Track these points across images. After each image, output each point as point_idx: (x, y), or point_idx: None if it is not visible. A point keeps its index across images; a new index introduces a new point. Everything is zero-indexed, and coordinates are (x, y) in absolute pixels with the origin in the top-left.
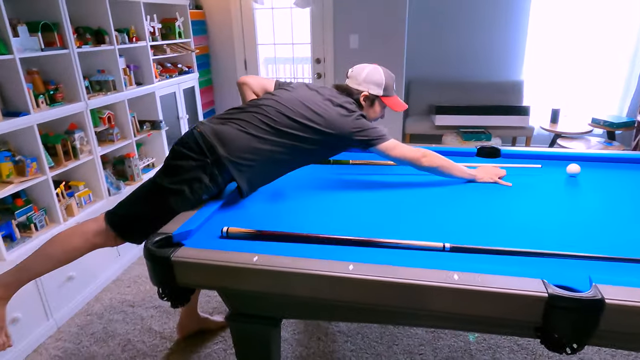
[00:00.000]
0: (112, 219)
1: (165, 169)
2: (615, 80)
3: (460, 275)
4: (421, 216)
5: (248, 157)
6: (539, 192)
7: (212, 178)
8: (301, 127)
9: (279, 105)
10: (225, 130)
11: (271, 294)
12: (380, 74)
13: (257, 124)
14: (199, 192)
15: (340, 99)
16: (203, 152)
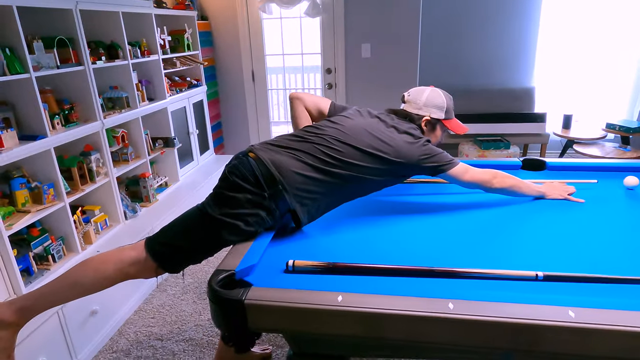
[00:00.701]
0: (153, 248)
1: (217, 199)
2: (625, 85)
3: (576, 312)
4: (499, 240)
5: (311, 190)
6: (607, 208)
7: (269, 212)
8: (368, 157)
9: (343, 135)
10: (285, 161)
11: (355, 337)
12: (441, 97)
13: (320, 156)
14: (255, 226)
15: (404, 125)
16: (261, 184)
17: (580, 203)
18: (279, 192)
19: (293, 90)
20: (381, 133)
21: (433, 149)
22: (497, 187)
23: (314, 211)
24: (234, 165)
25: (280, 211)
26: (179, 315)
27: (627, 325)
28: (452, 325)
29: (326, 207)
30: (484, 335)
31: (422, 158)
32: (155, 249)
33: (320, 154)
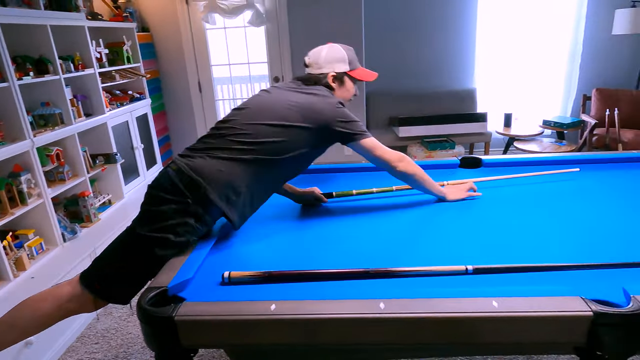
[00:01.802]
0: (87, 280)
1: (143, 216)
2: (558, 83)
3: (499, 302)
4: (434, 239)
5: (234, 185)
6: (545, 201)
7: (197, 218)
8: (279, 130)
9: (251, 116)
10: (202, 163)
11: (293, 345)
12: (341, 50)
13: (234, 146)
14: (186, 235)
15: (311, 88)
16: (182, 192)
17: (514, 198)
18: (201, 195)
19: (239, 101)
20: (288, 102)
21: (348, 114)
22: (401, 170)
23: (242, 207)
24: (154, 180)
25: (210, 215)
26: (124, 338)
27: (547, 310)
28: (384, 325)
29: (255, 199)
30: (416, 332)
31: (337, 121)
32: (89, 281)
33: (232, 143)
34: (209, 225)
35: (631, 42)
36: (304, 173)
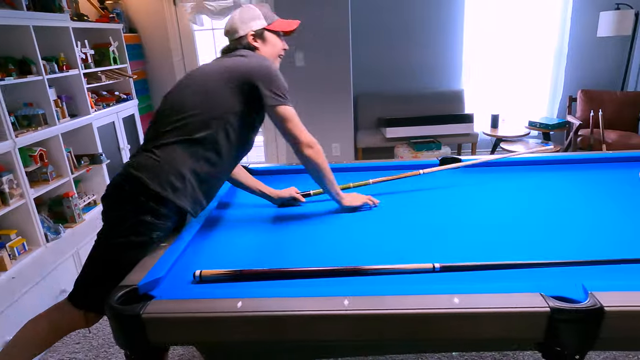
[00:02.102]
0: (74, 299)
1: (104, 225)
2: (544, 84)
3: (461, 298)
4: (404, 237)
5: (174, 172)
6: (513, 200)
7: (153, 214)
8: (201, 99)
9: (174, 96)
10: (139, 159)
11: (260, 341)
12: (252, 8)
13: (162, 130)
14: (149, 233)
15: (234, 54)
16: (130, 192)
17: (484, 197)
18: (147, 190)
19: None
20: (211, 72)
21: (275, 73)
22: (307, 156)
23: (192, 191)
24: (106, 187)
25: (166, 207)
26: (106, 338)
27: (506, 307)
28: (348, 322)
29: (203, 182)
30: (380, 328)
31: (260, 74)
32: (74, 300)
33: (162, 129)
34: (171, 217)
35: (615, 44)
36: (290, 173)
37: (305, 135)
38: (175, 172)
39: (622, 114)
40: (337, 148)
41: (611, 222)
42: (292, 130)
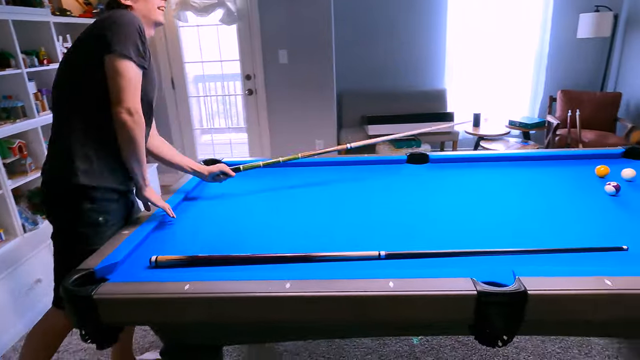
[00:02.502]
0: (54, 301)
1: (53, 226)
2: (526, 84)
3: (396, 282)
4: (355, 227)
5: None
6: (457, 193)
7: (89, 199)
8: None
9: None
10: (49, 152)
11: (208, 323)
12: None
13: (54, 119)
14: (90, 219)
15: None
16: (54, 188)
17: (432, 189)
18: (68, 181)
19: (213, 98)
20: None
21: (127, 24)
22: (124, 120)
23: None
24: None
25: (98, 191)
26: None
27: (437, 290)
28: (289, 303)
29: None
30: (318, 310)
31: (107, 23)
32: (55, 300)
33: (54, 117)
34: (109, 198)
35: (595, 45)
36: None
37: (132, 100)
38: (80, 156)
39: (600, 114)
40: (321, 144)
41: (549, 215)
42: (120, 87)
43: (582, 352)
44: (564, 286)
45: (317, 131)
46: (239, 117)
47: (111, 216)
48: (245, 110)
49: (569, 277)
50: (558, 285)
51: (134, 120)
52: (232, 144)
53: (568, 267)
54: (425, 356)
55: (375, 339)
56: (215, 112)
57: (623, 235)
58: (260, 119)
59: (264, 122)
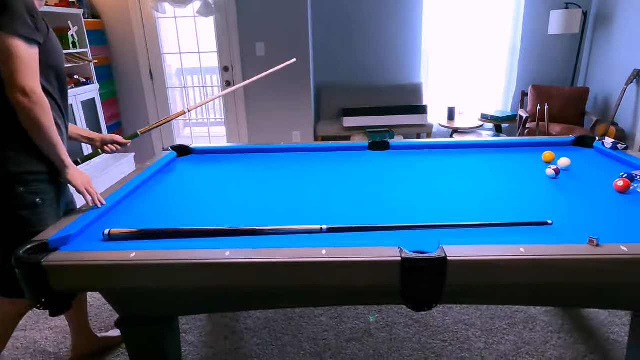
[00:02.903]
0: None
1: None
2: (499, 79)
3: (328, 250)
4: (304, 205)
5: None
6: (409, 176)
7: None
8: None
9: None
10: None
11: (152, 290)
12: None
13: None
14: (26, 201)
15: None
16: None
17: (375, 171)
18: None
19: (190, 89)
20: None
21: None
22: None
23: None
24: None
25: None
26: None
27: (365, 256)
28: (228, 270)
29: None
30: (257, 276)
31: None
32: (3, 290)
33: None
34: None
35: (565, 41)
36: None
37: (24, 79)
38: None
39: (569, 109)
40: (298, 136)
41: (488, 195)
42: (11, 68)
43: (527, 328)
44: (482, 253)
45: (295, 123)
46: (216, 111)
47: (47, 196)
48: (223, 102)
49: (488, 246)
50: (476, 252)
51: (32, 100)
52: (211, 137)
53: (494, 239)
54: (379, 332)
55: (333, 317)
56: (194, 103)
57: (552, 212)
58: (238, 111)
59: (241, 114)
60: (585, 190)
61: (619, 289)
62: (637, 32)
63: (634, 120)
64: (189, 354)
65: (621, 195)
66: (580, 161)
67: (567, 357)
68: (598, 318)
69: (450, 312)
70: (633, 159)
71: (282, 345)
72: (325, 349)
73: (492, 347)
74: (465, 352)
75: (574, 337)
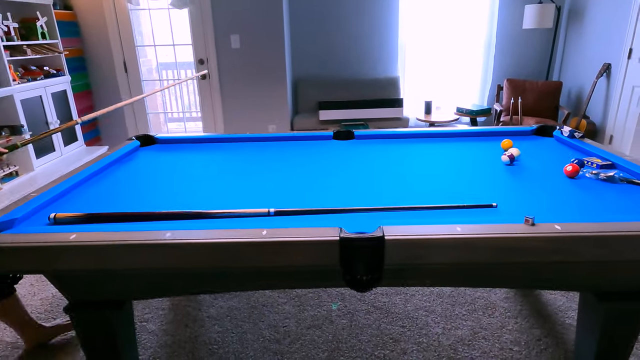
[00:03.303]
0: None
1: None
2: (476, 73)
3: (269, 231)
4: (255, 189)
5: None
6: (367, 164)
7: None
8: None
9: None
10: None
11: (95, 273)
12: None
13: None
14: None
15: None
16: None
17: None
18: None
19: (166, 82)
20: None
21: None
22: None
23: None
24: None
25: None
26: None
27: (305, 236)
28: (168, 250)
29: None
30: (197, 258)
31: None
32: None
33: None
34: None
35: (540, 35)
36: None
37: None
38: None
39: (542, 102)
40: (274, 129)
41: (441, 180)
42: None
43: (486, 314)
44: (419, 232)
45: (272, 116)
46: (192, 105)
47: None
48: (199, 95)
49: (427, 225)
50: (414, 231)
51: None
52: (188, 131)
53: (440, 221)
54: (340, 319)
55: (295, 305)
56: (169, 98)
57: (501, 196)
58: (215, 103)
59: (217, 107)
60: (536, 176)
61: (555, 269)
62: (608, 26)
63: (603, 114)
64: (148, 341)
65: (570, 180)
66: (538, 149)
67: (522, 341)
68: (556, 304)
69: (412, 299)
70: (588, 147)
71: (242, 332)
72: (284, 336)
73: (450, 332)
74: (423, 337)
75: (530, 322)
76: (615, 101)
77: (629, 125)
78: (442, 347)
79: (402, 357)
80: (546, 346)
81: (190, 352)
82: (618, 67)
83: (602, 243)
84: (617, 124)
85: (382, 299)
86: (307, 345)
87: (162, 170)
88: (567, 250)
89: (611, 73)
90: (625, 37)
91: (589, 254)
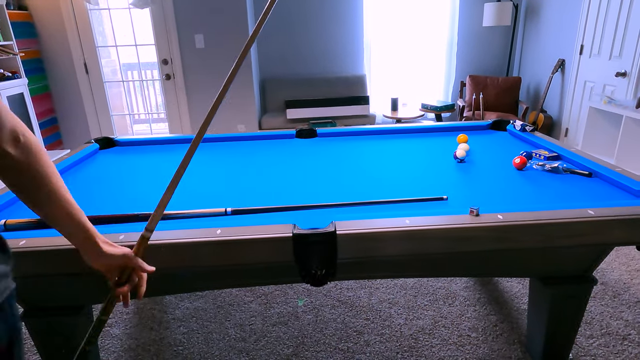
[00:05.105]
0: None
1: None
2: (440, 70)
3: (223, 230)
4: (212, 189)
5: None
6: (325, 161)
7: None
8: None
9: None
10: None
11: (47, 277)
12: None
13: None
14: None
15: None
16: None
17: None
18: None
19: (131, 83)
20: None
21: None
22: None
23: None
24: None
25: None
26: None
27: (259, 234)
28: None
29: None
30: (156, 256)
31: None
32: None
33: None
34: None
35: (499, 33)
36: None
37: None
38: None
39: (503, 97)
40: (243, 129)
41: (393, 176)
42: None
43: (447, 303)
44: (370, 226)
45: (239, 116)
46: (159, 106)
47: None
48: (164, 96)
49: (378, 219)
50: (365, 225)
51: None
52: (154, 133)
53: (393, 215)
54: (306, 315)
55: (262, 303)
56: (134, 99)
57: (452, 189)
58: (180, 104)
59: (183, 107)
60: (487, 169)
61: (501, 256)
62: (561, 23)
63: (559, 108)
64: (112, 346)
65: (518, 172)
66: (491, 143)
67: (480, 327)
68: (512, 290)
69: (376, 292)
70: (537, 139)
71: (207, 332)
72: (250, 334)
73: (412, 322)
74: (386, 329)
75: (488, 309)
76: (570, 95)
77: (582, 118)
78: (404, 337)
79: (365, 348)
80: (502, 331)
81: (155, 354)
82: (571, 63)
83: (539, 231)
84: (571, 117)
85: (347, 293)
86: (272, 342)
87: (120, 172)
88: (509, 239)
89: (565, 68)
90: (577, 34)
91: (529, 241)
